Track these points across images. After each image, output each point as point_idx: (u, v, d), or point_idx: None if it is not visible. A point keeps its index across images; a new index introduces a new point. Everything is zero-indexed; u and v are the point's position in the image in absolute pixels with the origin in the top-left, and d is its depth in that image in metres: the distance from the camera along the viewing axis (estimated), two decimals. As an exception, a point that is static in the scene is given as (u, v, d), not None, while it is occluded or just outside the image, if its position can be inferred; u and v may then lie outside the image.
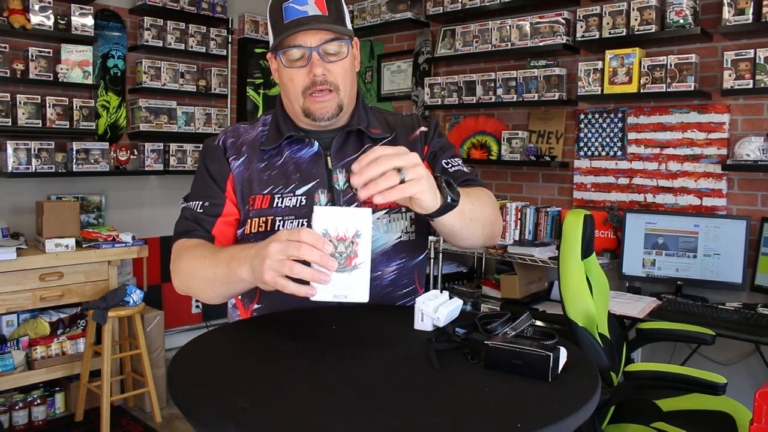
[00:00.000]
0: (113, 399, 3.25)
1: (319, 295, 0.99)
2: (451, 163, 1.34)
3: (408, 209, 1.30)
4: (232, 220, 1.31)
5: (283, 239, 0.98)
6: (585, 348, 1.93)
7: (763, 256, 2.74)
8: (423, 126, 1.39)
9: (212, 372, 0.95)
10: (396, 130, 1.37)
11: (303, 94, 1.25)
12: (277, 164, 1.31)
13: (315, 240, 0.96)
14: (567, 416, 0.79)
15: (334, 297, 1.00)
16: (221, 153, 1.33)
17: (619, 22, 3.08)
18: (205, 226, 1.28)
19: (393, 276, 1.32)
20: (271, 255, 0.98)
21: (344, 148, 1.33)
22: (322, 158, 1.31)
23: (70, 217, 3.22)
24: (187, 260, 1.21)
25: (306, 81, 1.24)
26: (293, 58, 1.24)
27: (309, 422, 0.78)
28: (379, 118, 1.39)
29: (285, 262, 0.97)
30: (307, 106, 1.26)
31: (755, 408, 1.28)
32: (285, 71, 1.26)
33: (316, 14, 1.21)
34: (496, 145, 3.68)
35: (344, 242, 0.99)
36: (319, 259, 0.96)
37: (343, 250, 0.99)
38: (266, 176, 1.30)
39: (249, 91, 4.38)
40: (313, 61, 1.22)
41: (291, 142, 1.32)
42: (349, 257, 0.99)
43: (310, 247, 0.96)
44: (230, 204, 1.30)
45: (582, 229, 2.02)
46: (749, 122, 2.89)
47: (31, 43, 3.31)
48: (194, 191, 1.33)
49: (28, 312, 3.21)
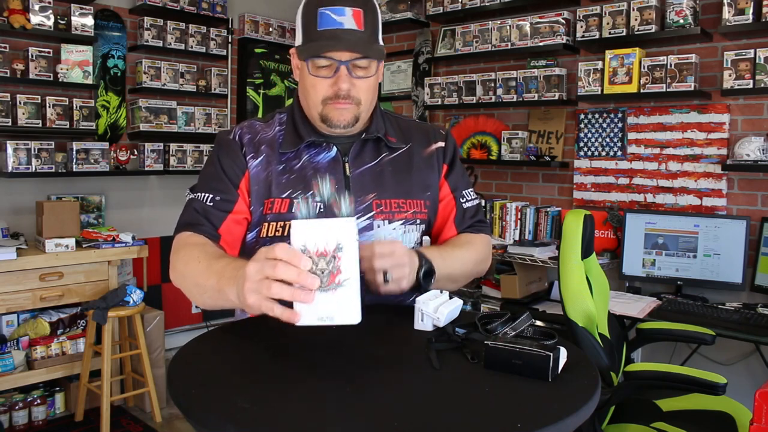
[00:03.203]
0: (113, 399, 3.25)
1: (303, 318, 0.90)
2: (466, 198, 1.42)
3: (421, 221, 1.36)
4: (242, 219, 1.28)
5: (260, 258, 0.91)
6: (585, 348, 1.93)
7: (763, 256, 2.74)
8: (440, 140, 1.41)
9: (212, 372, 0.95)
10: (411, 140, 1.39)
11: (323, 102, 1.24)
12: (296, 167, 1.29)
13: (290, 256, 0.88)
14: (567, 416, 0.79)
15: (319, 320, 0.90)
16: (237, 148, 1.29)
17: (619, 22, 3.08)
18: (214, 222, 1.24)
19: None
20: (250, 276, 0.91)
21: (362, 155, 1.33)
22: (339, 164, 1.30)
23: (70, 217, 3.21)
24: (183, 259, 1.17)
25: (329, 92, 1.22)
26: (320, 66, 1.22)
27: (309, 422, 0.78)
28: (394, 125, 1.39)
29: (263, 282, 0.89)
30: (325, 112, 1.24)
31: (755, 408, 1.28)
32: (309, 77, 1.24)
33: (352, 28, 1.19)
34: (496, 145, 3.68)
35: (325, 258, 0.89)
36: (296, 277, 0.87)
37: (325, 266, 0.89)
38: (285, 179, 1.28)
39: (249, 91, 4.38)
40: (341, 75, 1.21)
41: (309, 146, 1.31)
42: (332, 274, 0.89)
43: (285, 264, 0.88)
44: (242, 202, 1.27)
45: (582, 229, 2.02)
46: (749, 122, 2.89)
47: (31, 43, 3.31)
48: (204, 183, 1.29)
49: (28, 312, 3.20)
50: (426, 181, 1.37)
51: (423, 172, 1.37)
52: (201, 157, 3.94)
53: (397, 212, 1.31)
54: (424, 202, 1.36)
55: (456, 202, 1.41)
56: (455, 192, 1.42)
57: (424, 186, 1.37)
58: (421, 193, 1.36)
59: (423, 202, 1.36)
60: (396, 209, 1.31)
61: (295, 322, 0.90)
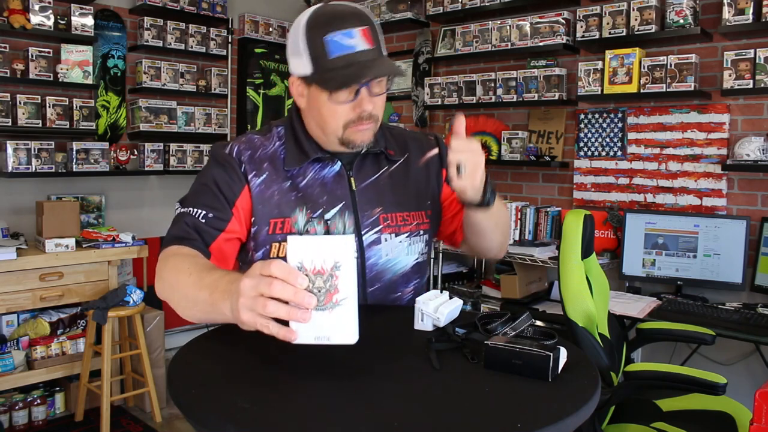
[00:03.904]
0: (113, 399, 3.25)
1: (300, 337, 0.88)
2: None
3: (425, 231, 1.35)
4: (234, 239, 1.24)
5: (255, 273, 0.87)
6: (585, 348, 1.93)
7: (763, 256, 2.74)
8: (434, 148, 1.35)
9: (212, 372, 0.95)
10: (407, 150, 1.38)
11: (345, 126, 1.21)
12: (302, 185, 1.26)
13: (287, 274, 0.85)
14: (567, 416, 0.79)
15: (315, 339, 0.88)
16: (236, 165, 1.24)
17: (619, 22, 3.08)
18: (206, 239, 1.20)
19: (410, 296, 1.34)
20: (244, 292, 0.87)
21: (364, 169, 1.32)
22: (344, 178, 1.29)
23: (70, 217, 3.21)
24: (172, 271, 1.11)
25: (351, 115, 1.19)
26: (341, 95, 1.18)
27: (309, 422, 0.78)
28: (388, 137, 1.38)
29: (258, 300, 0.86)
30: (347, 136, 1.21)
31: (755, 408, 1.28)
32: (327, 105, 1.19)
33: (365, 49, 1.15)
34: (496, 145, 3.68)
35: (322, 276, 0.87)
36: (293, 296, 0.85)
37: (321, 285, 0.87)
38: (293, 197, 1.24)
39: (249, 91, 4.38)
40: (363, 98, 1.18)
41: (313, 161, 1.28)
42: (329, 293, 0.87)
43: (281, 282, 0.85)
44: (236, 222, 1.22)
45: (582, 229, 2.02)
46: (749, 122, 2.89)
47: (31, 43, 3.31)
48: (196, 198, 1.24)
49: (28, 312, 3.21)
50: (425, 191, 1.37)
51: (421, 183, 1.36)
52: (201, 157, 3.94)
53: (403, 225, 1.31)
54: (425, 213, 1.36)
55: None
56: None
57: (424, 196, 1.36)
58: (422, 204, 1.36)
59: (424, 212, 1.36)
60: (402, 222, 1.31)
61: (291, 341, 0.88)
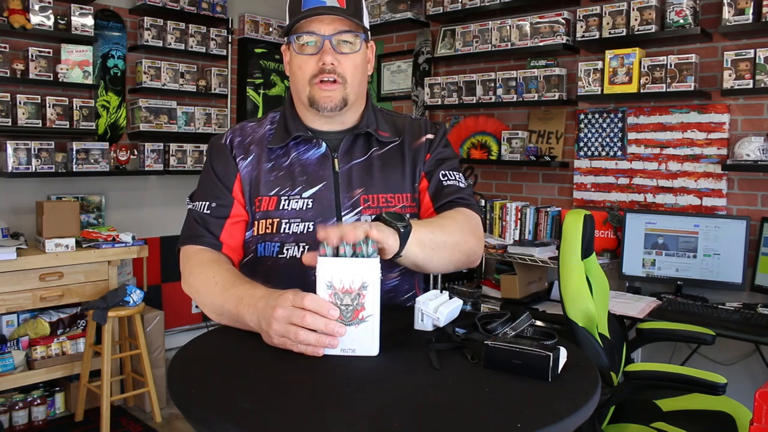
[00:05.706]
0: (113, 399, 3.25)
1: (326, 349, 0.97)
2: (448, 177, 1.34)
3: (412, 215, 1.33)
4: (241, 221, 1.30)
5: (287, 305, 0.97)
6: (585, 348, 1.93)
7: (763, 256, 2.74)
8: (430, 133, 1.39)
9: (212, 372, 0.95)
10: (403, 134, 1.37)
11: (310, 82, 1.25)
12: (284, 165, 1.30)
13: (319, 307, 0.95)
14: (567, 416, 0.79)
15: (341, 351, 0.97)
16: (228, 152, 1.31)
17: (619, 22, 3.08)
18: (213, 231, 1.27)
19: (396, 282, 1.33)
20: (278, 320, 0.97)
21: (352, 151, 1.32)
22: (329, 160, 1.30)
23: (70, 217, 3.21)
24: (198, 279, 1.20)
25: (314, 68, 1.24)
26: (304, 43, 1.24)
27: (309, 422, 0.78)
28: (388, 121, 1.39)
29: (290, 329, 0.96)
30: (312, 94, 1.25)
31: (755, 408, 1.28)
32: (295, 58, 1.26)
33: (334, 5, 1.22)
34: (496, 145, 3.68)
35: (350, 294, 0.96)
36: (324, 327, 0.95)
37: (350, 302, 0.96)
38: (273, 177, 1.29)
39: (249, 91, 4.38)
40: (324, 49, 1.23)
41: (298, 143, 1.31)
42: (356, 310, 0.96)
43: (313, 315, 0.95)
44: (238, 205, 1.29)
45: (582, 229, 2.02)
46: (749, 122, 2.89)
47: (31, 43, 3.31)
48: (201, 191, 1.32)
49: (28, 312, 3.20)
50: (414, 173, 1.35)
51: (412, 165, 1.35)
52: (201, 157, 3.94)
53: (385, 207, 1.30)
54: (412, 195, 1.35)
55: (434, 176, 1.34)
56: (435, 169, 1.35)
57: (413, 178, 1.35)
58: (410, 186, 1.34)
59: (411, 195, 1.34)
60: (384, 204, 1.30)
61: (318, 355, 0.97)
